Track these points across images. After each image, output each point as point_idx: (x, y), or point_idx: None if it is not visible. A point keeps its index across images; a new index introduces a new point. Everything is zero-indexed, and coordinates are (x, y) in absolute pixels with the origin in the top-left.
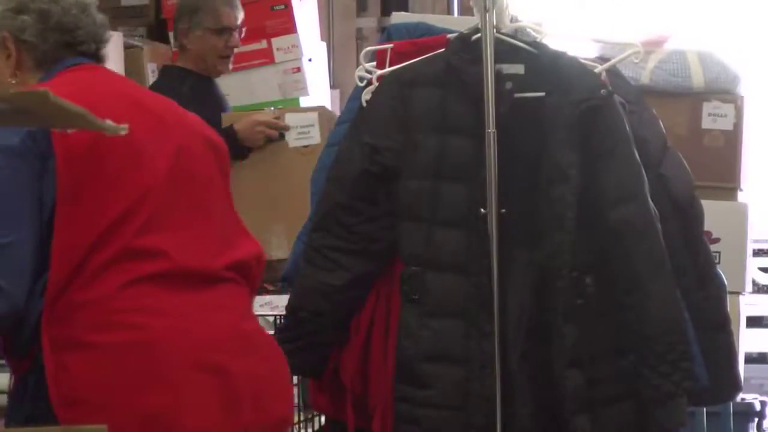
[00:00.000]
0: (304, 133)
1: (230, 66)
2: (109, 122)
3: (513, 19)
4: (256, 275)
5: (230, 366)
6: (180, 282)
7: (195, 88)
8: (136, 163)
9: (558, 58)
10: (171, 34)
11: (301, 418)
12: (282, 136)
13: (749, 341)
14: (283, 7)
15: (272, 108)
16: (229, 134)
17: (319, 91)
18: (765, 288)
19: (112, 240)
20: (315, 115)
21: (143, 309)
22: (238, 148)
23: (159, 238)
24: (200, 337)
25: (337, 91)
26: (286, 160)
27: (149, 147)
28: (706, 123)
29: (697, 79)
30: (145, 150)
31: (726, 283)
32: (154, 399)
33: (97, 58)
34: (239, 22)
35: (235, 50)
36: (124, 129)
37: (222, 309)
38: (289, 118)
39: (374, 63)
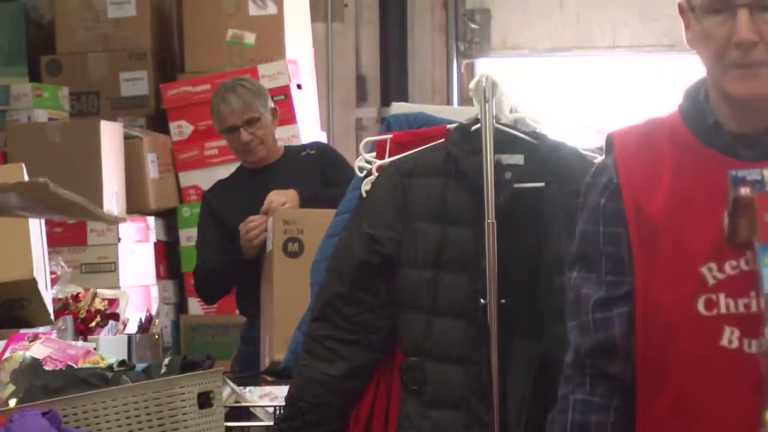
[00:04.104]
0: (270, 238)
1: (259, 154)
2: (108, 213)
3: (512, 110)
4: None
5: None
6: None
7: (243, 180)
8: None
9: (558, 148)
10: (171, 125)
11: None
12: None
13: None
14: (283, 97)
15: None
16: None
17: None
18: None
19: None
20: (270, 219)
21: None
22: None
23: None
24: None
25: None
26: (270, 265)
27: None
28: None
29: None
30: None
31: None
32: None
33: None
34: (244, 116)
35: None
36: (122, 219)
37: None
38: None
39: (374, 153)
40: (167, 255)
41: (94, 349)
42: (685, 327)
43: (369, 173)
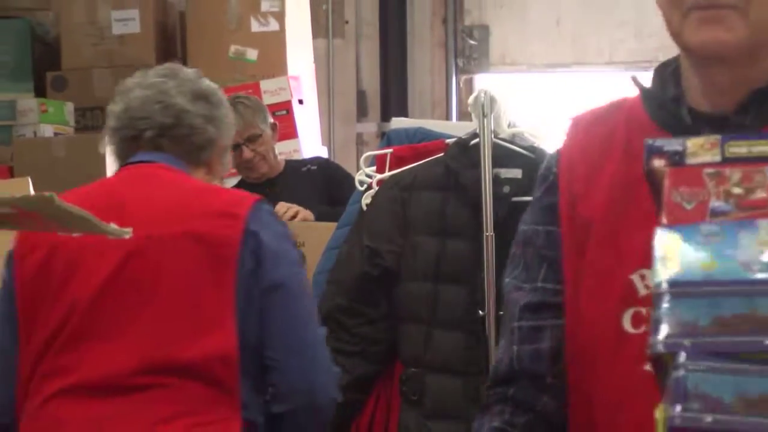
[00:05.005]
0: None
1: (261, 170)
2: (113, 226)
3: (510, 124)
4: (217, 375)
5: None
6: (85, 395)
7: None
8: (71, 279)
9: None
10: None
11: None
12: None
13: None
14: (284, 112)
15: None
16: None
17: None
18: None
19: (42, 360)
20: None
21: (49, 426)
22: None
23: (74, 353)
24: None
25: None
26: None
27: (92, 258)
28: None
29: None
30: (85, 262)
31: None
32: None
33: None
34: (245, 134)
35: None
36: (127, 233)
37: (126, 418)
38: None
39: (374, 167)
40: None
41: None
42: (607, 347)
43: (369, 187)
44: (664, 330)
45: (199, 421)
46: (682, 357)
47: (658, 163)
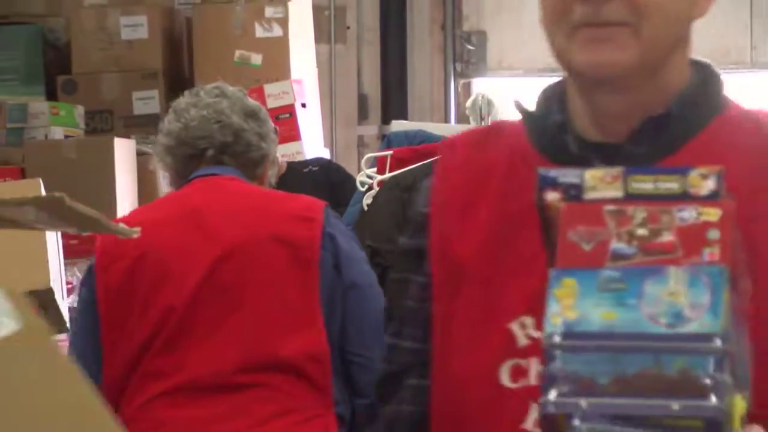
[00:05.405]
0: None
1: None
2: (122, 226)
3: None
4: (310, 372)
5: None
6: (185, 397)
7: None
8: (161, 286)
9: None
10: None
11: None
12: None
13: None
14: (288, 115)
15: None
16: None
17: None
18: None
19: (138, 365)
20: None
21: (151, 428)
22: None
23: (174, 356)
24: None
25: None
26: None
27: (180, 265)
28: None
29: None
30: (173, 269)
31: None
32: None
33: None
34: None
35: None
36: (136, 233)
37: (228, 419)
38: None
39: (375, 168)
40: None
41: None
42: (482, 404)
43: (370, 188)
44: (556, 388)
45: (297, 419)
46: (577, 420)
47: (553, 196)
